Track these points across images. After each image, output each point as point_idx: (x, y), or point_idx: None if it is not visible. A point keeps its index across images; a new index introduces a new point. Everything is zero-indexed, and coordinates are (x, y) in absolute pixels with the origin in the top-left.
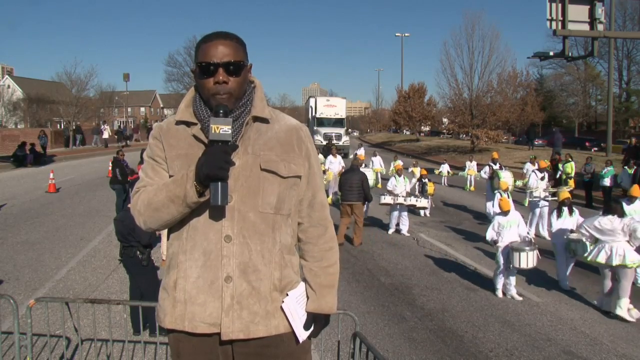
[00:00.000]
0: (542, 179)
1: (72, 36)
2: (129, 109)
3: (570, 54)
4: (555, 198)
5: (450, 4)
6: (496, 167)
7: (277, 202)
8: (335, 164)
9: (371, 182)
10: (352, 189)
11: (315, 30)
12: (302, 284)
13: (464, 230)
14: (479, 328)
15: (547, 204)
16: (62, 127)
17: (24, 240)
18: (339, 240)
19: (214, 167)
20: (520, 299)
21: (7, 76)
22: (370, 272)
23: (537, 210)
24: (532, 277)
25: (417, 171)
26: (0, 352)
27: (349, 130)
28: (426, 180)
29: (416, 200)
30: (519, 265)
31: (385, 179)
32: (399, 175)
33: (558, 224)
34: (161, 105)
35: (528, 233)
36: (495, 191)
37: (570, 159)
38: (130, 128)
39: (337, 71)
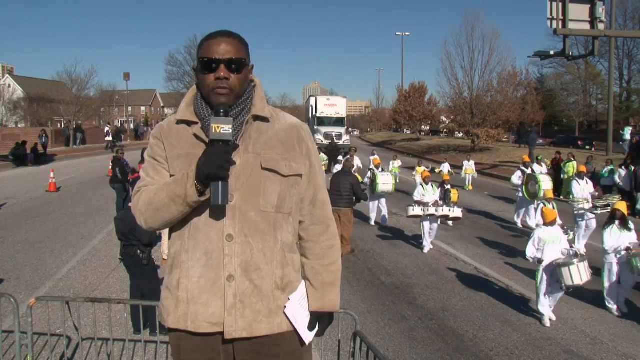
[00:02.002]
0: (586, 182)
1: (73, 35)
2: (130, 108)
3: (570, 53)
4: (607, 210)
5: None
6: (528, 171)
7: (279, 201)
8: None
9: (390, 187)
10: (341, 193)
11: (315, 29)
12: (302, 285)
13: (464, 229)
14: (480, 327)
15: (593, 215)
16: (63, 126)
17: (25, 240)
18: (344, 250)
19: (214, 166)
20: (548, 325)
21: (7, 75)
22: (371, 271)
23: (583, 224)
24: (533, 276)
25: (421, 171)
26: (1, 351)
27: (350, 129)
28: (449, 186)
29: (449, 210)
30: (572, 282)
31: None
32: (426, 183)
33: (613, 239)
34: (161, 105)
35: (572, 247)
36: (537, 201)
37: (572, 159)
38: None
39: (338, 70)
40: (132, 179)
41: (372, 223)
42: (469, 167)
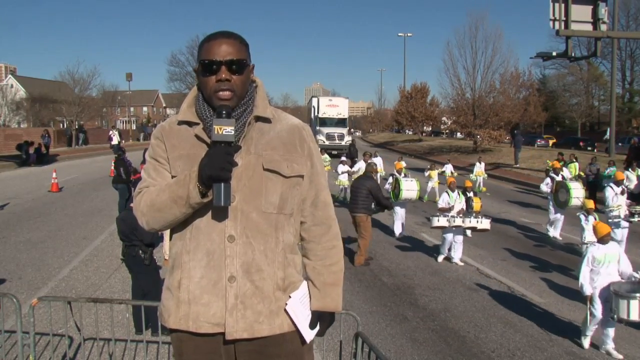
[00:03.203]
0: (622, 192)
1: (75, 36)
2: (132, 109)
3: (573, 54)
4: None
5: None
6: (558, 177)
7: (280, 202)
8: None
9: (414, 194)
10: (357, 199)
11: (317, 30)
12: (304, 284)
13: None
14: (481, 328)
15: (627, 225)
16: (65, 126)
17: (27, 240)
18: (363, 256)
19: (216, 168)
20: (621, 357)
21: (10, 75)
22: (373, 272)
23: (619, 232)
24: (535, 276)
25: (435, 174)
26: (4, 350)
27: (352, 130)
28: (471, 193)
29: (477, 222)
30: (628, 316)
31: (385, 178)
32: (452, 190)
33: None
34: (164, 105)
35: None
36: (581, 215)
37: (574, 160)
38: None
39: (340, 71)
40: (134, 179)
41: (397, 234)
42: (480, 169)
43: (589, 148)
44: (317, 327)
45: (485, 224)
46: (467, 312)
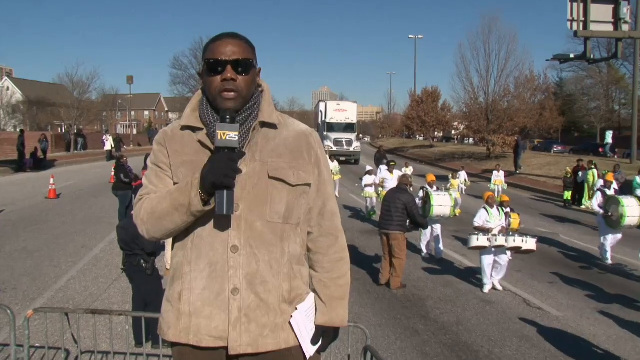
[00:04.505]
0: None
1: (74, 37)
2: (133, 113)
3: (592, 56)
4: None
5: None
6: (610, 192)
7: (286, 211)
8: (393, 183)
9: (447, 210)
10: (391, 214)
11: (325, 32)
12: (311, 296)
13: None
14: (496, 343)
15: None
16: (63, 131)
17: (23, 248)
18: (383, 280)
19: (219, 175)
20: None
21: (6, 78)
22: (383, 283)
23: None
24: (553, 289)
25: (457, 184)
26: None
27: (360, 135)
28: (508, 209)
29: (522, 241)
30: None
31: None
32: (491, 206)
33: None
34: (166, 109)
35: None
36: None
37: (592, 166)
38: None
39: (348, 74)
40: (135, 185)
41: (424, 253)
42: (498, 178)
43: (610, 154)
44: (320, 343)
45: (530, 243)
46: (481, 326)
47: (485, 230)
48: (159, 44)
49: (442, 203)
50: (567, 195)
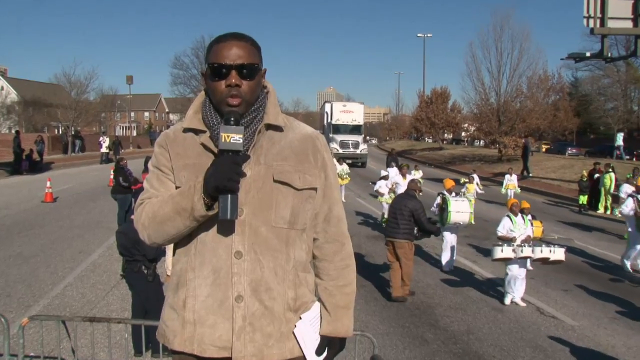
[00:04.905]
0: None
1: (72, 35)
2: (132, 114)
3: (609, 55)
4: None
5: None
6: None
7: (291, 216)
8: (405, 187)
9: (466, 217)
10: (397, 221)
11: (331, 31)
12: (316, 305)
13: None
14: (508, 352)
15: None
16: (60, 132)
17: (18, 254)
18: (396, 293)
19: (223, 178)
20: None
21: (0, 77)
22: (390, 290)
23: None
24: (568, 297)
25: (473, 188)
26: None
27: (367, 137)
28: (529, 216)
29: (550, 251)
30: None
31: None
32: (515, 214)
33: None
34: (166, 110)
35: None
36: None
37: (610, 170)
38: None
39: (355, 74)
40: (134, 189)
41: (444, 264)
42: (511, 182)
43: (627, 157)
44: (325, 354)
45: (559, 254)
46: (492, 335)
47: (509, 240)
48: (159, 43)
49: (460, 209)
50: (583, 199)
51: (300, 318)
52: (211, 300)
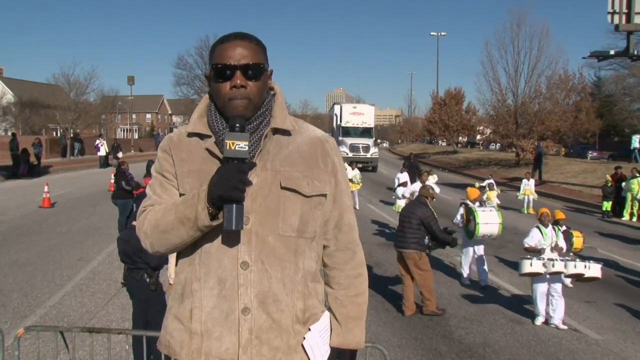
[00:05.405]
0: None
1: (71, 34)
2: (134, 116)
3: (635, 52)
4: None
5: None
6: None
7: (300, 224)
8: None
9: (495, 228)
10: (404, 230)
11: (340, 29)
12: (326, 315)
13: (508, 254)
14: None
15: None
16: (59, 134)
17: (13, 261)
18: (409, 312)
19: (227, 187)
20: None
21: None
22: (402, 300)
23: None
24: (591, 309)
25: (494, 196)
26: None
27: (378, 140)
28: (563, 227)
29: (585, 267)
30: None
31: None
32: (545, 225)
33: None
34: (169, 112)
35: None
36: None
37: (637, 174)
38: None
39: (365, 75)
40: (136, 194)
41: (465, 278)
42: (528, 187)
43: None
44: None
45: (594, 270)
46: (510, 348)
47: (537, 252)
48: (162, 42)
49: (489, 220)
50: (607, 205)
51: (310, 329)
52: (217, 312)
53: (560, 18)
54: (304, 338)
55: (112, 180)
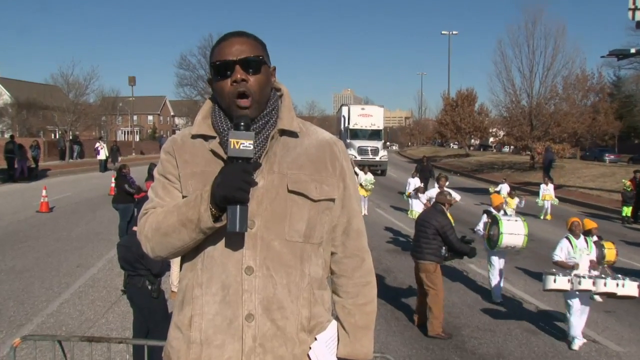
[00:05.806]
0: None
1: (70, 32)
2: (135, 117)
3: None
4: None
5: None
6: None
7: (307, 229)
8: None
9: (520, 240)
10: (420, 240)
11: (348, 28)
12: (333, 324)
13: (524, 261)
14: None
15: None
16: (57, 137)
17: (10, 268)
18: (418, 321)
19: (231, 187)
20: None
21: None
22: (412, 308)
23: None
24: (611, 319)
25: (514, 203)
26: None
27: (387, 143)
28: (594, 237)
29: (617, 285)
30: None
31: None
32: (577, 237)
33: None
34: (172, 113)
35: None
36: None
37: None
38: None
39: (374, 75)
40: (138, 198)
41: (497, 296)
42: (547, 192)
43: None
44: None
45: (630, 288)
46: (525, 359)
47: (568, 268)
48: (164, 42)
49: (514, 231)
50: (627, 211)
51: (316, 339)
52: (220, 319)
53: (577, 15)
54: (310, 348)
55: (113, 184)
